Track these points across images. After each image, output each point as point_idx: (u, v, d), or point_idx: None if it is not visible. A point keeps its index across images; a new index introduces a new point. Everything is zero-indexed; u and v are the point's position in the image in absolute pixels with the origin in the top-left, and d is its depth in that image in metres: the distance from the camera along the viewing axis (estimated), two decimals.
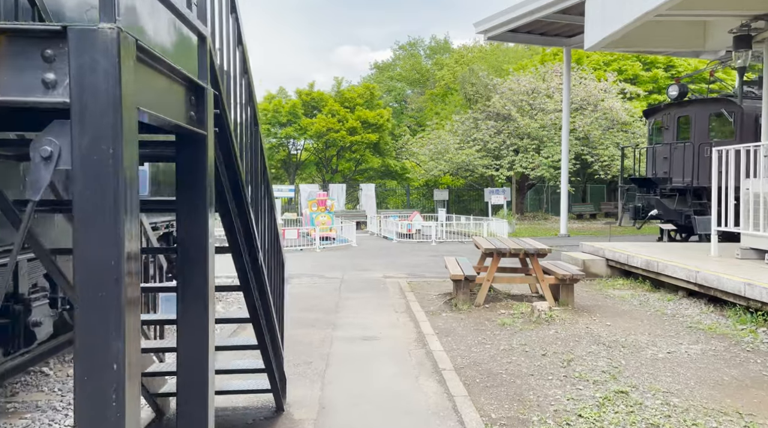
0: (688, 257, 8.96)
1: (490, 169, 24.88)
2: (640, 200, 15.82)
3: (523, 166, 24.01)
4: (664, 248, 10.45)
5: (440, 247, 16.82)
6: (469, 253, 15.30)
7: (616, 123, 25.90)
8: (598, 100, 25.34)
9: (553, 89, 26.47)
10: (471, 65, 29.93)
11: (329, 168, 29.31)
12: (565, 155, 20.23)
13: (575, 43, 19.99)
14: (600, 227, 23.87)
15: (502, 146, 24.98)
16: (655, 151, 16.33)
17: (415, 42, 60.08)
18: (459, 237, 19.13)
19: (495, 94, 26.42)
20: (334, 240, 17.32)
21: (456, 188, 31.39)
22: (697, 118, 15.37)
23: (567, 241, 18.37)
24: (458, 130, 27.57)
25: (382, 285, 9.98)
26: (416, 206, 29.49)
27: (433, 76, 52.34)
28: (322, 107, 27.55)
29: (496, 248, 7.43)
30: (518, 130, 25.04)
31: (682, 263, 8.11)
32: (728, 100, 14.84)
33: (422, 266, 12.62)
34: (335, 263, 13.35)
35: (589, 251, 11.11)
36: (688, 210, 14.58)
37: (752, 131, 14.65)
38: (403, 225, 19.01)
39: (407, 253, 15.39)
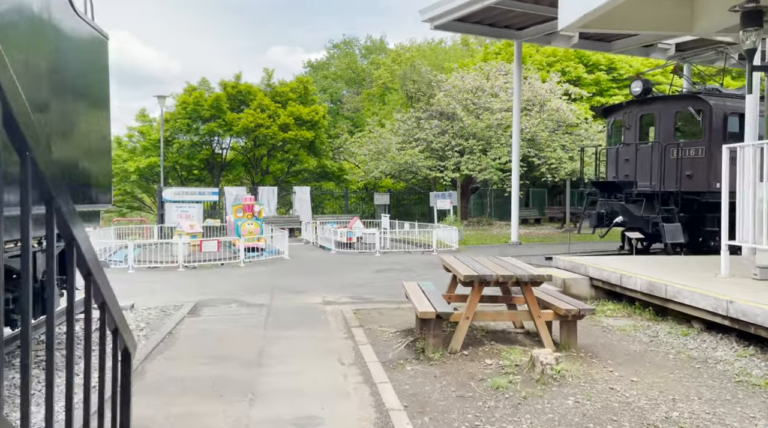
0: (695, 278, 7.38)
1: (435, 171, 23.19)
2: (603, 205, 14.47)
3: (469, 168, 22.47)
4: (654, 264, 8.89)
5: (386, 259, 14.84)
6: (421, 266, 13.52)
7: (562, 124, 24.90)
8: (545, 100, 24.23)
9: (498, 88, 25.19)
10: (412, 61, 28.22)
11: (259, 169, 26.73)
12: (515, 155, 18.79)
13: (526, 36, 18.61)
14: (548, 233, 22.69)
15: (446, 147, 23.36)
16: (618, 152, 15.06)
17: (350, 41, 58.12)
18: (404, 246, 17.23)
19: (439, 92, 24.81)
20: (263, 252, 14.98)
21: (396, 192, 29.59)
22: (661, 116, 14.19)
23: (521, 250, 16.86)
24: (400, 129, 25.76)
25: (322, 316, 7.84)
26: (355, 211, 27.44)
27: (369, 76, 50.52)
28: (251, 102, 24.95)
29: (478, 274, 5.49)
30: (463, 130, 23.51)
31: (702, 289, 6.47)
32: (695, 97, 13.72)
33: (368, 286, 10.57)
34: (263, 282, 11.07)
35: (566, 267, 9.42)
36: (655, 217, 13.31)
37: (721, 131, 13.58)
38: (343, 233, 16.91)
39: (349, 267, 13.30)
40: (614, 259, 9.58)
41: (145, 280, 11.26)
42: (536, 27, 17.99)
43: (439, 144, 23.23)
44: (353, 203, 29.16)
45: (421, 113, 25.21)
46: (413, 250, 16.53)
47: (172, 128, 23.92)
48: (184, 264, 12.80)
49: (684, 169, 13.48)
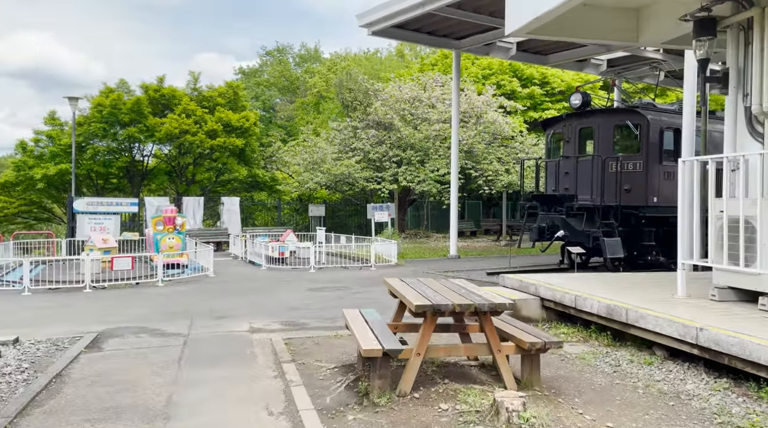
0: (651, 300, 6.95)
1: (372, 182, 22.47)
2: (544, 219, 14.18)
3: (407, 179, 21.90)
4: (604, 283, 8.47)
5: (321, 275, 13.90)
6: (359, 283, 12.53)
7: (498, 137, 24.86)
8: (481, 112, 24.12)
9: (435, 99, 24.87)
10: (348, 69, 27.51)
11: (184, 178, 25.06)
12: (454, 167, 18.37)
13: (465, 46, 18.31)
14: (486, 246, 22.45)
15: (384, 158, 22.72)
16: (558, 165, 14.86)
17: (284, 49, 56.89)
18: (341, 261, 16.33)
19: (376, 101, 24.18)
20: (185, 269, 13.68)
21: (332, 203, 28.66)
22: (600, 130, 14.10)
23: (461, 264, 16.37)
24: (335, 139, 24.91)
25: (248, 349, 6.84)
26: (289, 223, 26.28)
27: (304, 84, 49.49)
28: (175, 107, 23.33)
29: (431, 304, 4.72)
30: (401, 140, 22.96)
31: (665, 313, 5.99)
32: (633, 111, 13.70)
33: (302, 308, 9.61)
34: (182, 304, 9.88)
35: (514, 287, 8.86)
36: (596, 231, 13.11)
37: (657, 146, 13.62)
38: (275, 247, 15.82)
39: (281, 286, 12.27)
40: (563, 277, 9.12)
41: (41, 305, 9.79)
42: (476, 37, 17.72)
43: (377, 154, 22.56)
44: (286, 214, 27.98)
45: (357, 123, 24.49)
46: (350, 265, 15.68)
47: (86, 132, 21.95)
48: (92, 284, 11.36)
49: (623, 183, 13.39)
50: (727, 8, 7.32)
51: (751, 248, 6.27)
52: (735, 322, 5.56)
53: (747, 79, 7.17)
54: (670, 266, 14.44)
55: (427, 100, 24.59)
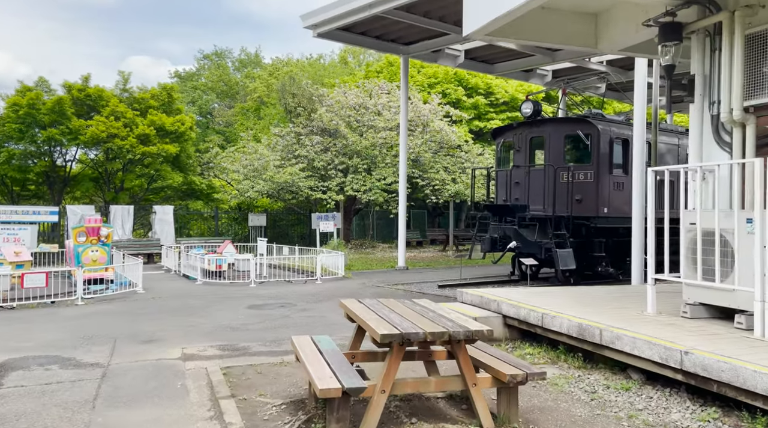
0: (620, 317, 6.54)
1: (317, 191, 21.62)
2: (496, 230, 13.82)
3: (354, 188, 21.19)
4: (566, 298, 8.05)
5: (263, 290, 12.95)
6: (305, 299, 11.43)
7: (444, 146, 24.59)
8: (428, 121, 23.78)
9: (382, 107, 24.35)
10: (292, 74, 26.61)
11: (113, 185, 23.34)
12: (402, 175, 17.84)
13: (413, 52, 17.88)
14: (433, 256, 22.02)
15: (330, 165, 21.93)
16: (508, 175, 14.57)
17: (223, 52, 55.18)
18: (284, 273, 15.40)
19: (320, 107, 23.40)
20: (111, 284, 12.42)
21: (273, 212, 27.55)
22: (551, 139, 13.91)
23: (410, 275, 15.80)
24: (278, 145, 23.91)
25: (179, 381, 5.92)
26: (227, 234, 24.98)
27: (244, 89, 48.04)
28: (102, 108, 21.67)
29: (400, 333, 4.03)
30: (347, 147, 22.26)
31: (642, 333, 5.55)
32: (584, 120, 13.59)
33: (243, 330, 8.71)
34: (104, 327, 8.76)
35: (474, 303, 8.31)
36: (548, 242, 12.85)
37: (608, 155, 13.54)
38: (212, 260, 14.72)
39: (218, 303, 11.26)
40: (523, 292, 8.65)
41: None
42: (424, 43, 17.32)
43: (322, 162, 21.74)
44: (224, 224, 26.65)
45: (301, 129, 23.60)
46: (294, 278, 14.79)
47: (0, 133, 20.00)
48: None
49: (574, 193, 13.21)
50: (692, 13, 7.09)
51: (725, 262, 5.96)
52: (717, 344, 5.17)
53: (714, 86, 6.93)
54: (618, 277, 14.43)
55: (373, 108, 24.04)
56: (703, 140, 7.02)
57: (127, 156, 21.35)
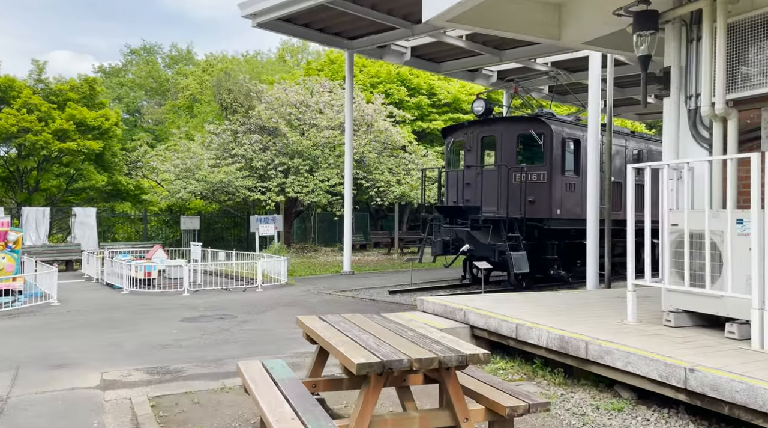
0: (598, 327, 6.02)
1: (256, 191, 20.41)
2: (448, 232, 13.25)
3: (295, 189, 20.15)
4: (532, 305, 7.50)
5: (199, 300, 11.78)
6: (246, 309, 10.16)
7: (388, 146, 23.97)
8: (372, 120, 23.09)
9: (324, 105, 23.45)
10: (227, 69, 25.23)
11: (26, 185, 21.20)
12: (348, 176, 17.03)
13: (359, 47, 17.12)
14: (378, 260, 21.31)
15: (269, 165, 20.78)
16: (459, 176, 14.05)
17: (152, 48, 52.48)
18: (221, 280, 14.22)
19: (259, 104, 22.22)
20: (20, 296, 10.92)
21: (207, 215, 26.02)
22: (503, 139, 13.50)
23: (357, 281, 14.99)
24: (213, 143, 22.52)
25: (96, 418, 4.87)
26: (157, 238, 23.28)
27: (175, 86, 45.75)
28: (13, 100, 19.59)
29: (380, 361, 3.23)
30: (288, 147, 21.19)
31: (638, 348, 5.00)
32: (537, 119, 13.26)
33: (176, 348, 7.63)
34: (5, 349, 7.45)
35: (437, 312, 7.61)
36: (502, 245, 12.39)
37: (560, 156, 13.26)
38: (139, 266, 13.37)
39: (147, 316, 10.06)
40: (488, 300, 8.03)
41: None
42: (370, 37, 16.59)
43: (261, 162, 20.56)
44: (154, 227, 24.88)
45: (238, 127, 22.32)
46: (233, 286, 13.65)
47: None
48: None
49: (527, 194, 12.84)
50: (667, 0, 6.69)
51: (714, 267, 5.53)
52: (717, 358, 4.68)
53: (691, 79, 6.55)
54: (569, 280, 14.21)
55: (315, 106, 23.09)
56: (679, 135, 6.63)
57: (42, 153, 19.37)
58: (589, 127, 11.84)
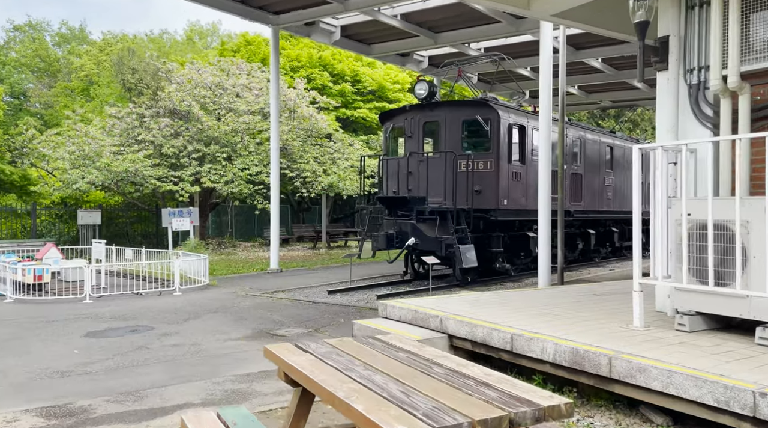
0: (600, 334, 5.20)
1: (167, 182, 18.32)
2: (391, 225, 12.20)
3: (212, 179, 18.28)
4: (511, 307, 6.60)
5: (104, 309, 9.95)
6: (164, 318, 8.16)
7: (313, 134, 22.55)
8: (296, 105, 21.56)
9: (242, 88, 21.61)
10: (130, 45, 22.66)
11: None
12: (275, 164, 15.51)
13: (284, 23, 15.60)
14: (304, 255, 19.92)
15: (182, 153, 18.74)
16: (400, 164, 13.03)
17: (39, 24, 47.34)
18: (130, 283, 12.31)
19: (169, 85, 20.04)
20: None
21: (109, 208, 23.36)
22: (448, 124, 12.63)
23: (287, 279, 13.61)
24: (115, 128, 20.06)
25: None
26: (49, 235, 20.48)
27: (67, 67, 41.45)
28: None
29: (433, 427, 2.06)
30: (203, 133, 19.23)
31: (680, 365, 4.16)
32: (484, 103, 12.49)
33: (79, 375, 6.03)
34: None
35: (405, 319, 6.51)
36: (449, 238, 11.53)
37: (507, 143, 12.58)
38: (27, 269, 11.25)
39: (39, 332, 8.21)
40: (461, 302, 7.02)
41: None
42: (298, 12, 15.13)
43: (172, 149, 18.48)
44: (45, 223, 21.92)
45: (145, 110, 20.01)
46: (145, 290, 11.83)
47: None
48: None
49: (475, 184, 12.06)
50: None
51: (733, 261, 4.82)
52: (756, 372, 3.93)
53: (692, 49, 5.86)
54: (510, 273, 13.64)
55: (232, 89, 21.20)
56: (678, 113, 5.92)
57: None
58: (541, 111, 11.18)
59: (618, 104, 26.02)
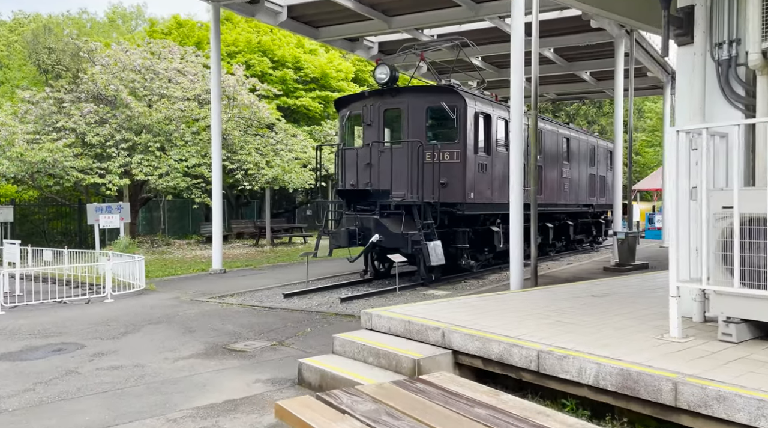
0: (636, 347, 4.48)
1: (92, 174, 16.43)
2: (352, 221, 11.19)
3: (145, 172, 16.56)
4: (527, 313, 5.80)
5: (20, 321, 8.39)
6: (94, 332, 6.72)
7: (254, 123, 21.11)
8: (235, 92, 20.06)
9: (175, 72, 19.87)
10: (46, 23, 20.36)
11: None
12: (217, 154, 14.13)
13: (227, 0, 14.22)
14: (248, 253, 18.56)
15: (109, 142, 16.88)
16: (359, 154, 12.03)
17: None
18: (51, 289, 10.65)
19: (93, 67, 18.07)
20: None
21: (22, 203, 20.98)
22: (411, 112, 11.73)
23: (232, 280, 12.34)
24: (29, 114, 17.87)
25: None
26: None
27: None
28: None
29: None
30: (133, 120, 17.42)
31: (755, 389, 3.45)
32: (450, 89, 11.69)
33: None
34: None
35: (395, 331, 5.57)
36: (416, 234, 10.67)
37: (474, 132, 11.83)
38: None
39: None
40: (454, 305, 6.14)
41: None
42: None
43: (98, 138, 16.57)
44: None
45: (64, 94, 17.93)
46: (70, 297, 10.23)
47: None
48: None
49: (441, 176, 11.25)
50: None
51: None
52: None
53: (721, 21, 5.23)
54: (472, 270, 12.97)
55: (164, 73, 19.42)
56: (705, 93, 5.28)
57: None
58: (513, 98, 10.45)
59: (563, 97, 26.09)
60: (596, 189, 18.95)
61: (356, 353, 5.40)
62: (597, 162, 19.04)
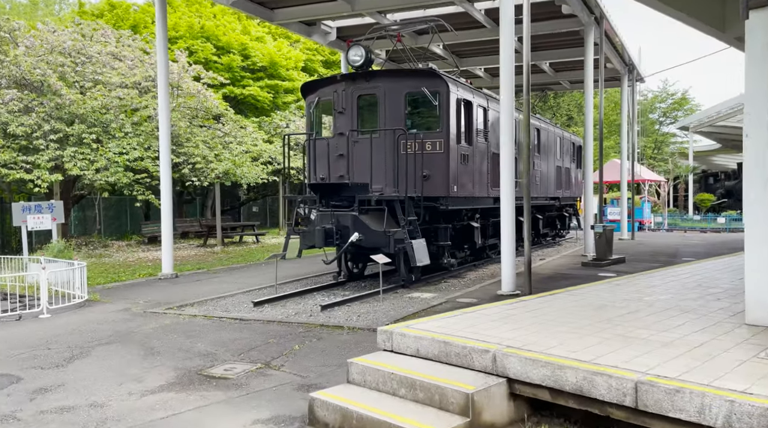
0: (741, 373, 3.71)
1: (17, 169, 14.42)
2: (327, 218, 10.06)
3: (80, 166, 14.69)
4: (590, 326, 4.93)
5: None
6: (33, 358, 5.27)
7: (200, 114, 19.47)
8: (180, 80, 18.37)
9: (109, 57, 17.96)
10: None
11: None
12: (165, 147, 12.60)
13: None
14: (198, 255, 17.01)
15: (35, 133, 14.89)
16: (331, 145, 10.90)
17: None
18: None
19: (16, 48, 15.96)
20: None
21: None
22: (388, 98, 10.70)
23: (191, 288, 10.95)
24: None
25: None
26: None
27: None
28: None
29: None
30: (64, 108, 15.48)
31: None
32: (432, 73, 10.76)
33: None
34: None
35: (427, 354, 4.57)
36: (400, 232, 9.70)
37: (456, 121, 10.92)
38: None
39: None
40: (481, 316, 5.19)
41: None
42: None
43: (22, 128, 14.56)
44: None
45: None
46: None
47: None
48: None
49: (423, 168, 10.31)
50: None
51: None
52: None
53: None
54: (451, 269, 12.16)
55: (98, 57, 17.49)
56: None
57: None
58: (502, 85, 9.67)
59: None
60: (562, 182, 18.58)
61: (381, 383, 4.37)
62: (563, 154, 18.68)
